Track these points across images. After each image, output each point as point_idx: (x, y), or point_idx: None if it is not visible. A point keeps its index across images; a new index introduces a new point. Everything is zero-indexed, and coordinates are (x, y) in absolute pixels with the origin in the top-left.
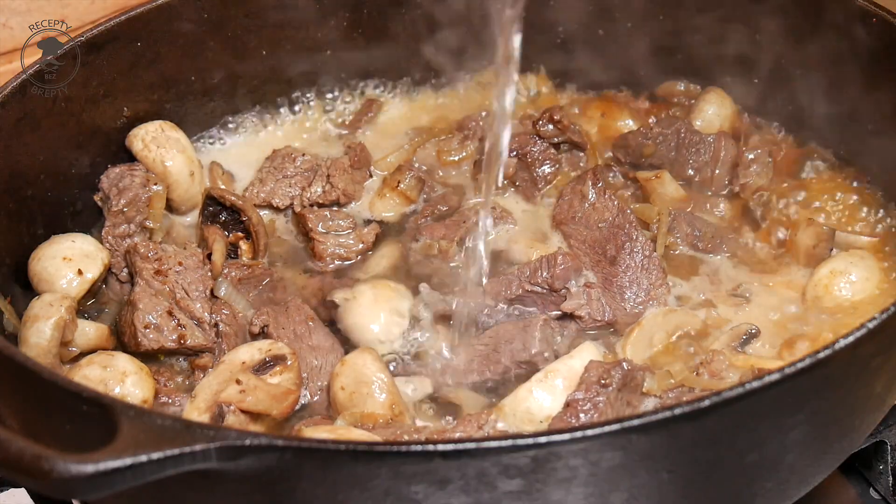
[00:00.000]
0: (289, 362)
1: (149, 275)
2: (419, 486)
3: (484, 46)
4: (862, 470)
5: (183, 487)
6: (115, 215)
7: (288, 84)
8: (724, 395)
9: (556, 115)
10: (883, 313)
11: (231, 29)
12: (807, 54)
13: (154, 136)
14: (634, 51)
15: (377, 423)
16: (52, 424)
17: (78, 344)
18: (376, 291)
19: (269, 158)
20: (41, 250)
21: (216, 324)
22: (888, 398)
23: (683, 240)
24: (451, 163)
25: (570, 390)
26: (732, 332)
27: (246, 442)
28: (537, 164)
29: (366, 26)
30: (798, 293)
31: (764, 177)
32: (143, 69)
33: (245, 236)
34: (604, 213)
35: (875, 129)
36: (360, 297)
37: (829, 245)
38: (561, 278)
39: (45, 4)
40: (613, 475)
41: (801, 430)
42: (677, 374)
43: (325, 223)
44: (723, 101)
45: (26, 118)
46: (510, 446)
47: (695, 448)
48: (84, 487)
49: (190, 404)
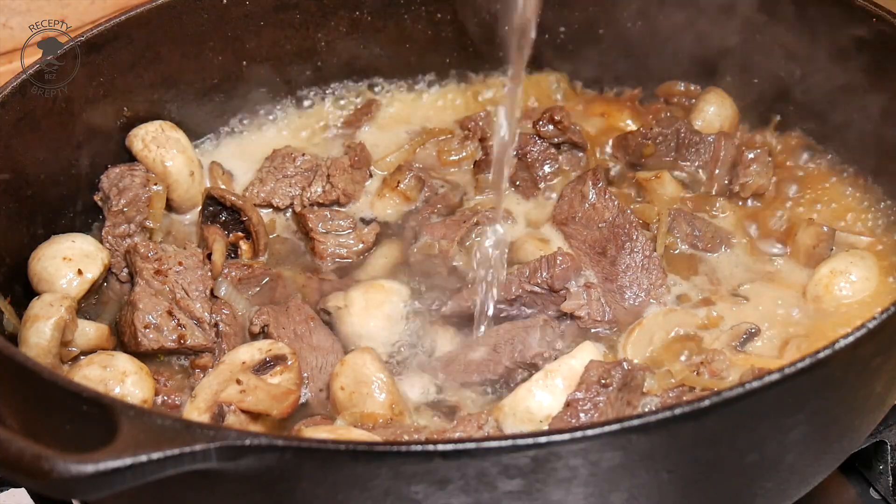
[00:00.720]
0: (289, 362)
1: (149, 275)
2: (419, 486)
3: (489, 47)
4: (862, 470)
5: (183, 487)
6: (115, 215)
7: (288, 84)
8: (724, 395)
9: (557, 115)
10: (883, 313)
11: (231, 29)
12: (806, 54)
13: (154, 136)
14: (635, 50)
15: (377, 423)
16: (52, 424)
17: (78, 344)
18: (368, 297)
19: (269, 158)
20: (41, 250)
21: (216, 324)
22: (888, 398)
23: (683, 239)
24: (451, 163)
25: (570, 390)
26: (732, 332)
27: (246, 442)
28: (537, 164)
29: (366, 27)
30: (798, 293)
31: (764, 176)
32: (143, 69)
33: (245, 236)
34: (604, 213)
35: (875, 129)
36: (352, 306)
37: (830, 245)
38: (560, 278)
39: (45, 4)
40: (613, 475)
41: (801, 430)
42: (678, 373)
43: (326, 223)
44: (723, 101)
45: (26, 118)
46: (510, 446)
47: (695, 448)
48: (84, 487)
49: (190, 404)
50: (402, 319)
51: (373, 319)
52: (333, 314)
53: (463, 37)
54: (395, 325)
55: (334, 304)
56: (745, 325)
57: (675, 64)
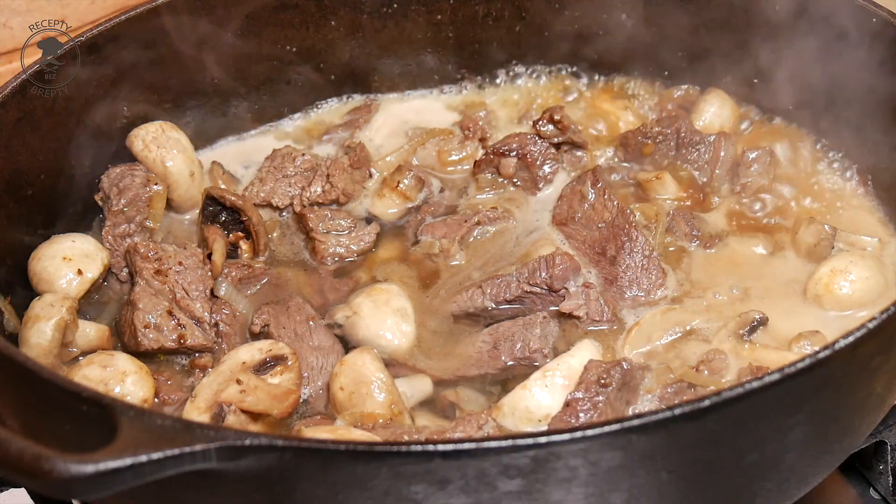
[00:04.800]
0: (289, 362)
1: (149, 274)
2: (419, 486)
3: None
4: (862, 470)
5: (183, 487)
6: (116, 215)
7: (288, 84)
8: (724, 395)
9: (556, 115)
10: (883, 313)
11: (231, 29)
12: (807, 54)
13: (154, 136)
14: (635, 48)
15: (377, 422)
16: (52, 424)
17: (78, 345)
18: (373, 298)
19: (269, 158)
20: (41, 250)
21: (216, 323)
22: (888, 398)
23: (683, 239)
24: (450, 162)
25: (569, 389)
26: (740, 320)
27: (246, 442)
28: (537, 164)
29: (366, 27)
30: (799, 291)
31: (764, 176)
32: (143, 69)
33: (245, 236)
34: (604, 213)
35: (875, 129)
36: (361, 310)
37: (830, 243)
38: (560, 278)
39: (45, 4)
40: (613, 475)
41: (801, 430)
42: (676, 370)
43: (326, 223)
44: (723, 102)
45: (26, 118)
46: (510, 446)
47: (695, 448)
48: (84, 487)
49: (190, 404)
50: (411, 312)
51: (387, 317)
52: (344, 324)
53: (462, 37)
54: (406, 317)
55: (342, 314)
56: (753, 314)
57: (675, 63)
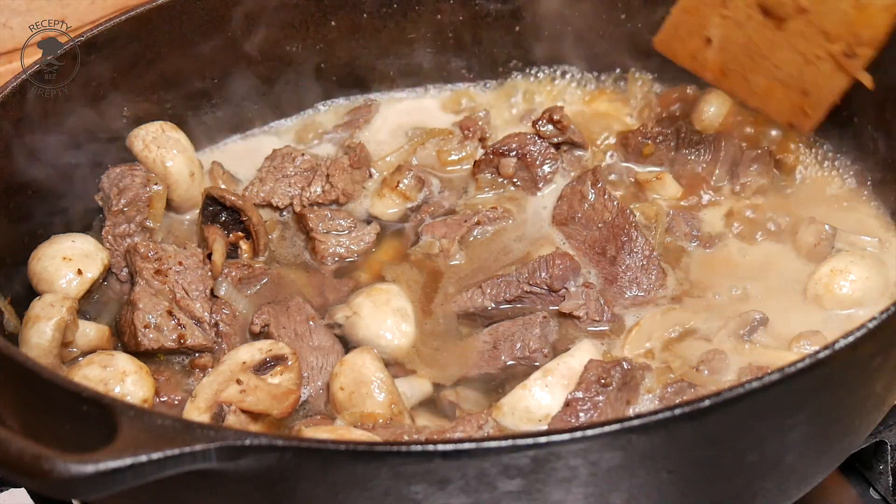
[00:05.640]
0: (289, 362)
1: (149, 274)
2: (419, 486)
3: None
4: (862, 470)
5: (183, 487)
6: (116, 215)
7: (288, 84)
8: (724, 395)
9: (556, 115)
10: (883, 313)
11: (231, 29)
12: None
13: (154, 136)
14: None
15: (377, 422)
16: (52, 424)
17: (78, 345)
18: (373, 298)
19: (269, 158)
20: (41, 250)
21: (216, 323)
22: (888, 398)
23: (682, 239)
24: (450, 162)
25: (569, 389)
26: (740, 320)
27: (246, 442)
28: (537, 164)
29: (366, 27)
30: (799, 291)
31: (764, 176)
32: (143, 69)
33: (245, 236)
34: (603, 213)
35: (876, 129)
36: (361, 310)
37: (831, 243)
38: (559, 278)
39: (45, 4)
40: (613, 475)
41: (801, 430)
42: (676, 370)
43: (326, 223)
44: (723, 102)
45: (26, 118)
46: (510, 446)
47: (695, 448)
48: (84, 487)
49: (190, 404)
50: (411, 312)
51: (387, 317)
52: (344, 324)
53: (462, 37)
54: (406, 317)
55: (342, 314)
56: (753, 314)
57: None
